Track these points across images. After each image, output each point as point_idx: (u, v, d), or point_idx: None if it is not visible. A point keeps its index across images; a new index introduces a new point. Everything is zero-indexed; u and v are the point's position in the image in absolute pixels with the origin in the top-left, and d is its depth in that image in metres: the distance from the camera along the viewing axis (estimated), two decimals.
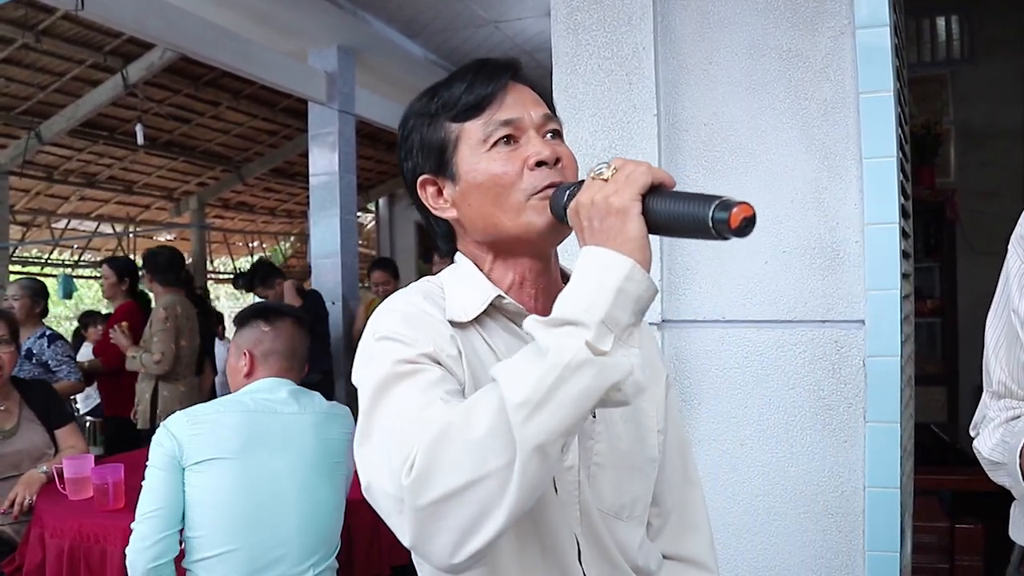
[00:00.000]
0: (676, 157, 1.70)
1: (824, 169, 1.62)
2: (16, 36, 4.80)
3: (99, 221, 8.82)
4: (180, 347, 3.53)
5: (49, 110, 5.88)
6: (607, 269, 0.67)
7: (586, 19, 1.70)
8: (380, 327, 0.80)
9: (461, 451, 0.64)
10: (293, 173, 9.01)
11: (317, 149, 5.13)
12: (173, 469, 1.60)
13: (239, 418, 1.67)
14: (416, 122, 0.88)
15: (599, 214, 0.70)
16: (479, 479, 0.63)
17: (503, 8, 4.65)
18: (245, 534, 1.61)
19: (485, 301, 0.84)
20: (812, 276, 1.62)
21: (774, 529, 1.63)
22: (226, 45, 4.28)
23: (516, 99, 0.85)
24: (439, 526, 0.65)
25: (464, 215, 0.86)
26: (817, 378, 1.61)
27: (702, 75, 1.69)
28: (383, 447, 0.70)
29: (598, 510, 0.86)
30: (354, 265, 5.15)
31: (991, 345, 1.07)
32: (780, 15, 1.64)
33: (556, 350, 0.64)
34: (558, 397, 0.63)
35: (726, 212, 0.66)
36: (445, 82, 0.87)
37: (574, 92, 1.70)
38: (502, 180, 0.82)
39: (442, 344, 0.79)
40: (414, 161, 0.89)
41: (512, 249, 0.86)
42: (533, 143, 0.83)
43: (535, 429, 0.63)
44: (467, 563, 0.66)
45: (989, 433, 1.03)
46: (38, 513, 2.17)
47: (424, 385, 0.73)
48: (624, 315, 0.66)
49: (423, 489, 0.64)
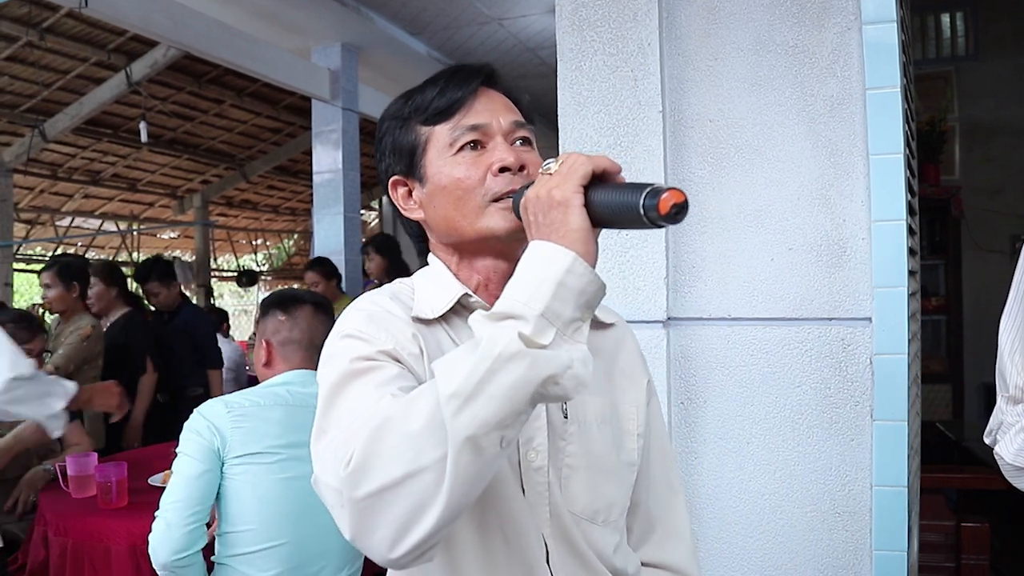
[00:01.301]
0: (681, 154, 1.70)
1: (831, 166, 1.61)
2: (20, 34, 4.81)
3: (103, 219, 8.83)
4: (71, 373, 2.98)
5: (53, 108, 5.89)
6: (548, 262, 0.67)
7: (591, 15, 1.69)
8: (344, 326, 0.81)
9: (398, 444, 0.63)
10: (296, 171, 9.02)
11: (321, 147, 5.13)
12: (211, 460, 1.56)
13: (280, 412, 1.64)
14: (390, 124, 0.90)
15: (543, 208, 0.70)
16: (414, 472, 0.62)
17: (507, 5, 4.64)
18: (290, 531, 1.59)
19: (452, 299, 0.85)
20: (818, 273, 1.61)
21: (780, 527, 1.63)
22: (230, 43, 4.28)
23: (486, 105, 0.85)
24: (376, 520, 0.64)
25: (430, 216, 0.88)
26: (824, 376, 1.61)
27: (708, 71, 1.68)
28: (332, 444, 0.69)
29: (570, 512, 0.85)
30: (358, 263, 5.14)
31: (1006, 349, 1.04)
32: (786, 11, 1.63)
33: (489, 342, 0.63)
34: (488, 389, 0.62)
35: (655, 199, 0.65)
36: (420, 87, 0.88)
37: (579, 88, 1.69)
38: (464, 184, 0.83)
39: (403, 342, 0.79)
40: (387, 162, 0.90)
41: (476, 251, 0.87)
42: (499, 149, 0.84)
43: (466, 421, 0.61)
44: (406, 558, 0.65)
45: (1011, 438, 1.01)
46: (41, 511, 2.17)
47: (379, 381, 0.72)
48: (566, 309, 0.65)
49: (361, 481, 0.63)
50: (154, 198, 8.80)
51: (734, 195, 1.67)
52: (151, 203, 8.93)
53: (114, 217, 8.87)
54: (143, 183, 8.26)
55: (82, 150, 6.99)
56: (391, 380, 0.73)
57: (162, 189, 8.62)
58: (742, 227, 1.65)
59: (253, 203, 10.10)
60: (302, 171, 8.84)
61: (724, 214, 1.66)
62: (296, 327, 1.77)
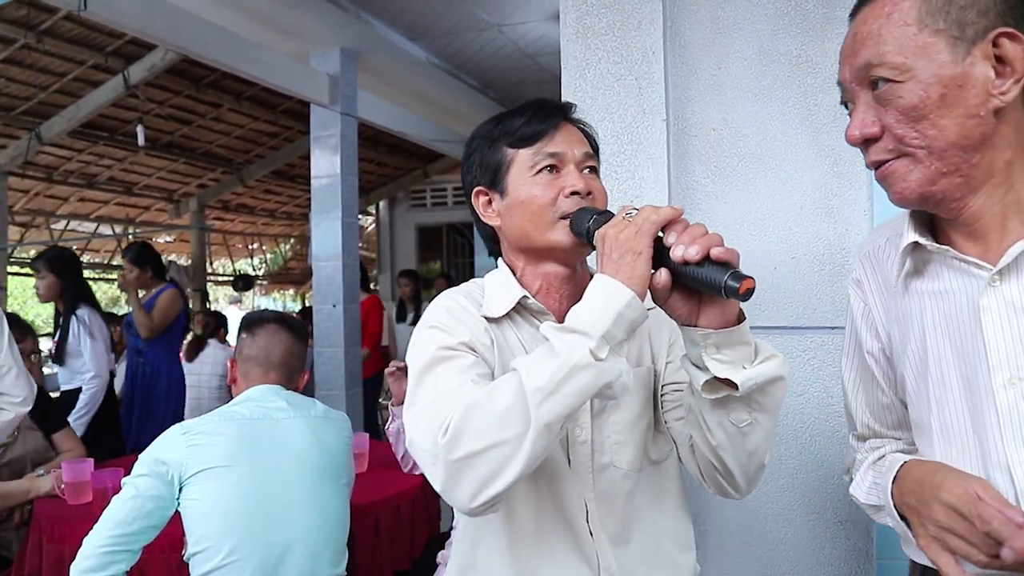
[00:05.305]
0: (685, 162, 1.70)
1: (833, 175, 1.61)
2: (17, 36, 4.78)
3: (98, 222, 8.79)
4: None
5: (50, 111, 5.87)
6: (614, 296, 0.84)
7: (596, 23, 1.69)
8: (429, 318, 1.01)
9: (484, 422, 0.82)
10: (294, 175, 9.00)
11: (319, 151, 5.12)
12: (155, 487, 1.55)
13: (235, 426, 1.64)
14: (480, 143, 1.07)
15: (619, 250, 0.86)
16: (497, 444, 0.81)
17: (506, 12, 4.65)
18: (252, 541, 1.59)
19: (513, 301, 1.02)
20: (821, 282, 1.61)
21: (784, 536, 1.62)
22: (229, 46, 4.27)
23: (564, 137, 1.03)
24: (463, 477, 0.83)
25: (505, 225, 1.05)
26: (826, 384, 1.61)
27: (711, 81, 1.69)
28: (425, 414, 0.88)
29: (615, 467, 1.03)
30: (355, 268, 5.13)
31: (849, 389, 1.06)
32: (789, 21, 1.64)
33: (567, 353, 0.81)
34: (564, 389, 0.81)
35: (737, 282, 0.81)
36: (508, 114, 1.06)
37: (583, 97, 1.69)
38: (539, 200, 1.00)
39: (478, 335, 0.99)
40: (473, 174, 1.08)
41: (541, 257, 1.04)
42: (571, 175, 1.01)
43: (545, 411, 0.81)
44: (481, 508, 0.84)
45: (861, 477, 1.03)
46: (36, 518, 2.15)
47: (459, 368, 0.92)
48: (619, 332, 0.84)
49: (454, 448, 0.82)
50: (150, 202, 8.76)
51: (737, 204, 1.67)
52: (147, 207, 8.89)
53: (110, 221, 8.83)
54: (139, 187, 8.22)
55: (78, 153, 6.96)
56: (469, 367, 0.93)
57: (158, 193, 8.58)
58: (745, 235, 1.65)
59: (250, 207, 10.07)
60: (300, 175, 8.82)
61: (727, 223, 1.66)
62: (255, 344, 1.79)
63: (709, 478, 1.02)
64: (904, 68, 0.80)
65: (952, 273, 0.87)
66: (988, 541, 0.76)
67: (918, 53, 0.80)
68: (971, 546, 0.78)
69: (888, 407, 1.03)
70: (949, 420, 0.88)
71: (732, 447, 0.95)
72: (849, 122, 0.87)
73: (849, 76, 0.86)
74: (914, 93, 0.80)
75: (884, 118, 0.83)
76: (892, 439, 1.05)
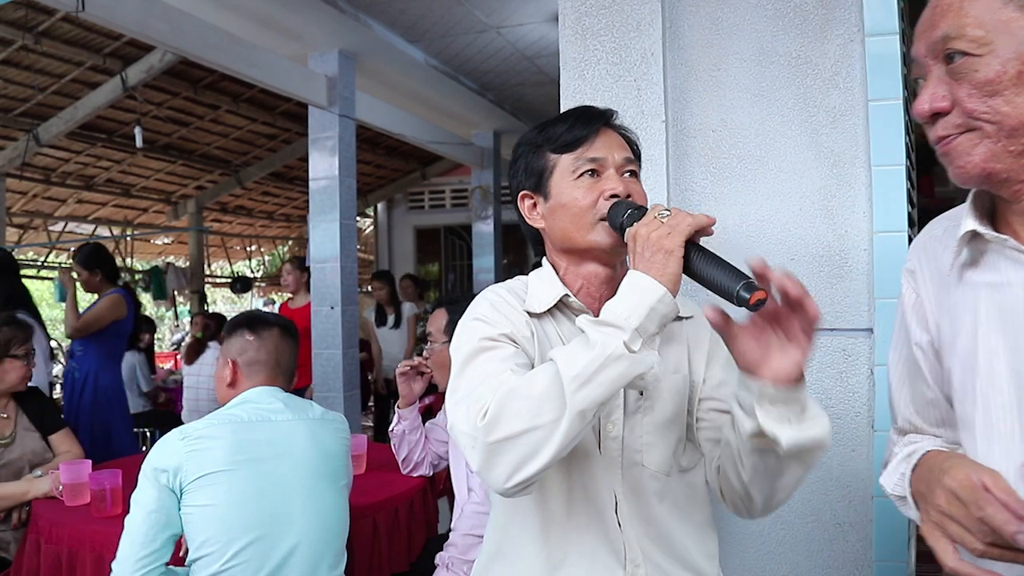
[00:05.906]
0: (684, 163, 1.70)
1: (832, 177, 1.61)
2: (15, 37, 4.78)
3: (96, 224, 8.79)
4: None
5: (47, 112, 5.86)
6: (646, 292, 0.88)
7: (594, 24, 1.69)
8: (474, 311, 1.06)
9: (522, 407, 0.86)
10: (292, 177, 9.00)
11: (317, 153, 5.12)
12: (160, 499, 1.54)
13: (234, 430, 1.63)
14: (525, 149, 1.12)
15: (651, 249, 0.90)
16: (533, 428, 0.86)
17: (505, 13, 4.65)
18: (253, 546, 1.58)
19: (555, 298, 1.08)
20: (820, 284, 1.61)
21: (782, 538, 1.62)
22: (227, 48, 4.26)
23: (605, 142, 1.07)
24: (500, 459, 0.87)
25: (549, 226, 1.10)
26: (825, 386, 1.61)
27: (710, 81, 1.69)
28: (466, 400, 0.92)
29: (644, 466, 1.06)
30: (353, 270, 5.12)
31: (895, 383, 1.04)
32: (789, 22, 1.64)
33: (602, 344, 0.86)
34: (599, 378, 0.85)
35: (749, 293, 0.84)
36: (552, 121, 1.10)
37: (582, 98, 1.69)
38: (580, 203, 1.05)
39: (519, 327, 1.04)
40: (519, 179, 1.13)
41: (583, 257, 1.09)
42: (612, 179, 1.05)
43: (580, 397, 0.85)
44: (515, 488, 0.88)
45: (892, 468, 1.01)
46: (34, 519, 2.15)
47: (501, 358, 0.97)
48: (652, 326, 0.88)
49: (492, 430, 0.87)
50: (148, 203, 8.76)
51: (736, 205, 1.67)
52: (145, 208, 8.88)
53: (108, 222, 8.83)
54: (137, 188, 8.22)
55: (76, 155, 6.95)
56: (509, 357, 0.97)
57: (156, 194, 8.58)
58: (744, 237, 1.65)
59: (248, 209, 10.07)
60: (298, 177, 8.83)
61: (726, 224, 1.66)
62: (263, 348, 1.78)
63: (729, 500, 1.07)
64: (983, 42, 0.78)
65: (1010, 264, 0.85)
66: (984, 528, 0.75)
67: (1000, 27, 0.78)
68: (968, 532, 0.76)
69: (932, 403, 1.00)
70: (995, 416, 0.85)
71: (761, 484, 0.98)
72: (918, 96, 0.84)
73: (924, 50, 0.84)
74: (991, 68, 0.77)
75: (956, 91, 0.80)
76: (932, 436, 1.02)
